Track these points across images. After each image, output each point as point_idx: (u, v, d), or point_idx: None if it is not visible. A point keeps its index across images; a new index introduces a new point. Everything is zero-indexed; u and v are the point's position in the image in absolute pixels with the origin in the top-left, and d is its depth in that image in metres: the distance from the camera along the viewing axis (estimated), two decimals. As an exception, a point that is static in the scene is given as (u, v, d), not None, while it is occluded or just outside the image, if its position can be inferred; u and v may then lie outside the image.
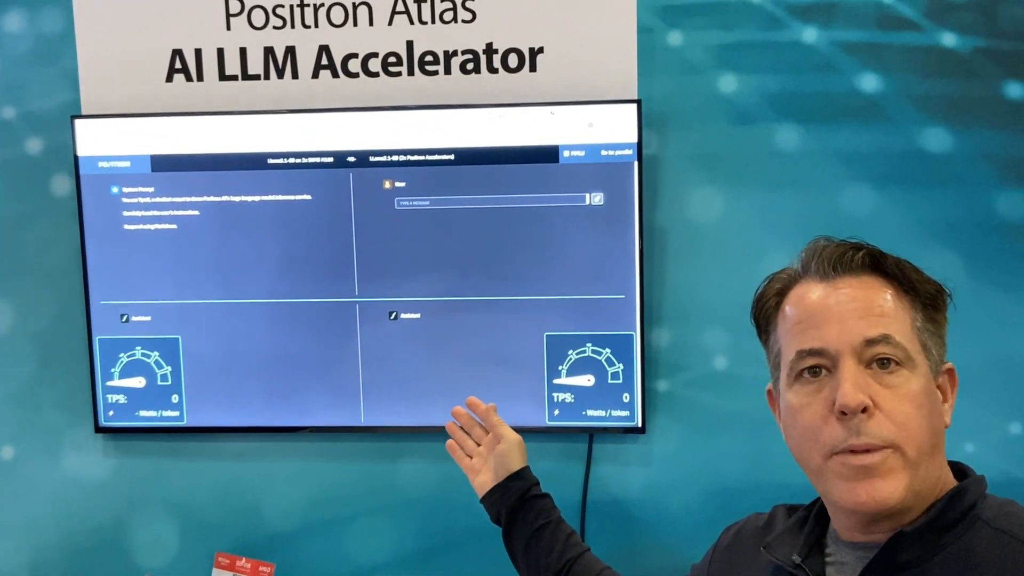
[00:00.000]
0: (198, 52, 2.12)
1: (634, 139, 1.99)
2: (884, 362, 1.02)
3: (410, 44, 2.08)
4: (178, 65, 2.12)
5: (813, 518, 1.16)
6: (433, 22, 2.07)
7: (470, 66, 2.08)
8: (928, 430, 1.01)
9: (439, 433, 2.10)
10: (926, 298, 1.06)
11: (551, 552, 1.54)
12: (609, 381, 2.06)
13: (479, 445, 1.67)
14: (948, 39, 2.01)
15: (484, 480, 1.63)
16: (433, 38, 2.08)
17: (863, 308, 1.04)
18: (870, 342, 1.02)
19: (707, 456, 2.09)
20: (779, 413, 1.13)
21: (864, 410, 0.99)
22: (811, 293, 1.07)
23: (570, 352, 2.06)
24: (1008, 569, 0.97)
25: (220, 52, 2.11)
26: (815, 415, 1.03)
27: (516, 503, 1.58)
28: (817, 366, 1.04)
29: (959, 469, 1.10)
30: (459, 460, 1.69)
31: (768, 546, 1.17)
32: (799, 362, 1.05)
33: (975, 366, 1.96)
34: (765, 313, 1.15)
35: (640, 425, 2.06)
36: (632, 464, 2.11)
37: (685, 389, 2.09)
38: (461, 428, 1.71)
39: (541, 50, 2.06)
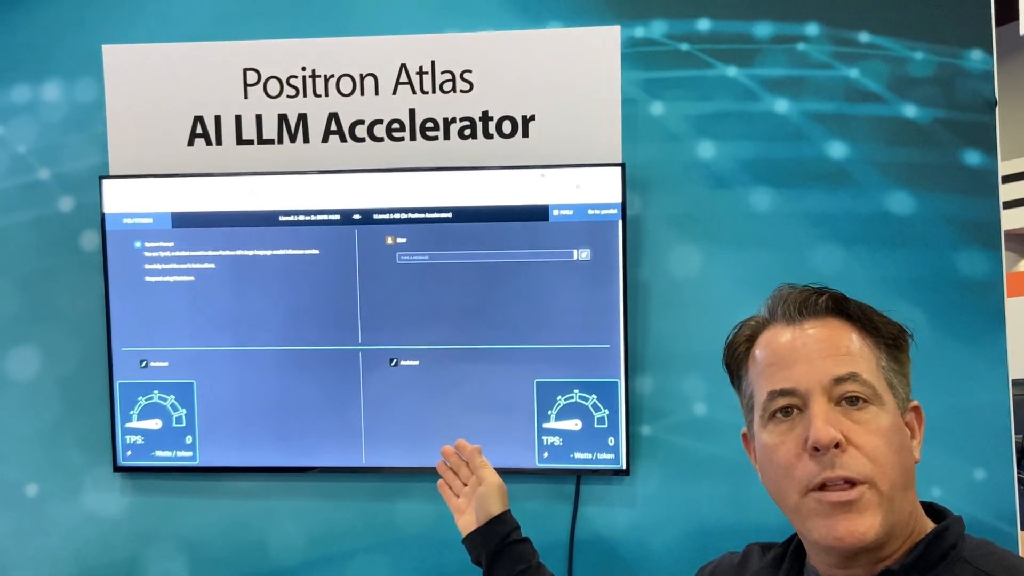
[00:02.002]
0: (218, 118, 2.15)
1: (619, 199, 2.02)
2: (853, 400, 1.01)
3: (412, 112, 2.12)
4: (199, 130, 2.16)
5: (790, 556, 1.14)
6: (433, 92, 2.11)
7: (467, 132, 2.11)
8: (899, 465, 1.00)
9: (435, 474, 2.10)
10: (889, 339, 1.06)
11: None
12: (595, 426, 2.05)
13: (465, 485, 1.64)
14: (910, 110, 2.04)
15: (467, 521, 1.59)
16: (433, 106, 2.11)
17: (830, 348, 1.03)
18: (839, 380, 1.01)
19: (688, 497, 2.08)
20: (754, 455, 1.11)
21: (837, 445, 0.98)
22: (779, 337, 1.06)
23: (559, 398, 2.06)
24: None
25: (238, 119, 2.15)
26: (789, 453, 1.01)
27: (496, 548, 1.54)
28: (789, 406, 1.03)
29: (935, 510, 1.08)
30: (447, 499, 1.66)
31: None
32: (771, 403, 1.04)
33: (940, 415, 1.96)
34: (736, 359, 1.14)
35: (625, 467, 2.05)
36: (617, 505, 2.09)
37: (667, 433, 2.09)
38: (451, 468, 1.68)
39: (533, 117, 2.09)
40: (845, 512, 0.98)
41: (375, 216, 2.08)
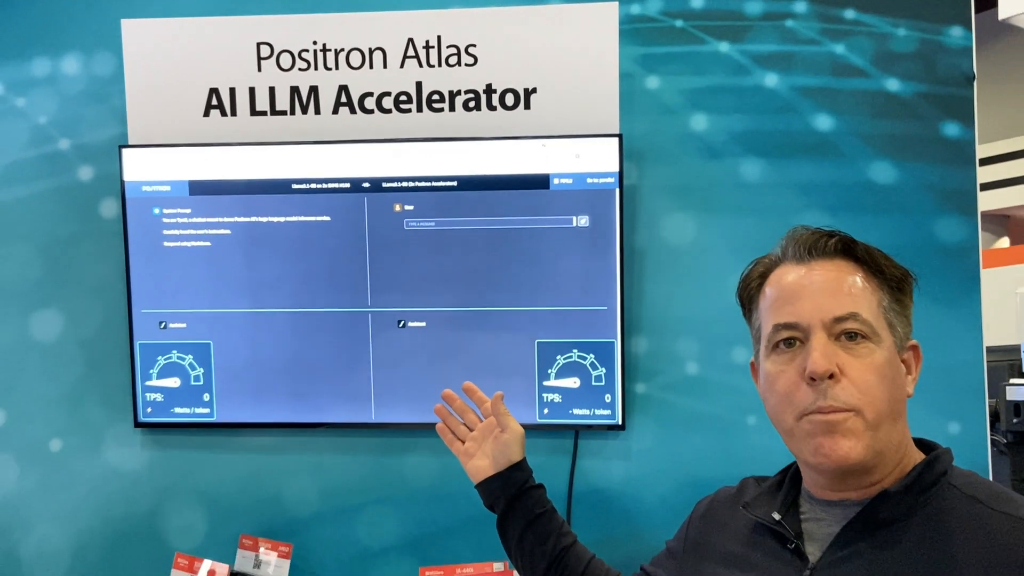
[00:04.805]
0: (232, 90, 2.13)
1: (616, 169, 2.00)
2: (851, 335, 1.04)
3: (419, 84, 2.09)
4: (214, 102, 2.13)
5: (787, 482, 1.17)
6: (440, 65, 2.09)
7: (472, 104, 2.09)
8: (888, 397, 1.03)
9: (442, 429, 2.10)
10: (892, 281, 1.08)
11: (546, 540, 1.49)
12: (593, 383, 2.05)
13: (471, 430, 1.59)
14: (893, 84, 2.03)
15: (481, 465, 1.55)
16: (439, 79, 2.09)
17: (834, 288, 1.05)
18: (839, 319, 1.04)
19: (679, 451, 2.08)
20: (759, 382, 1.14)
21: (831, 376, 1.02)
22: (788, 275, 1.09)
23: (558, 357, 2.05)
24: (980, 533, 0.98)
25: (252, 91, 2.12)
26: (789, 381, 1.05)
27: (516, 492, 1.51)
28: (791, 338, 1.06)
29: (925, 444, 1.11)
30: (449, 443, 1.60)
31: (748, 505, 1.17)
32: (776, 335, 1.08)
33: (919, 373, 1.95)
34: (748, 293, 1.17)
35: (620, 423, 2.05)
36: (613, 458, 2.09)
37: (660, 391, 2.08)
38: (453, 413, 1.63)
39: (535, 90, 2.07)
40: (831, 433, 1.02)
41: (383, 184, 2.06)
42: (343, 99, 2.10)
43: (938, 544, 0.99)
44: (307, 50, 2.10)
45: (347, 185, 2.06)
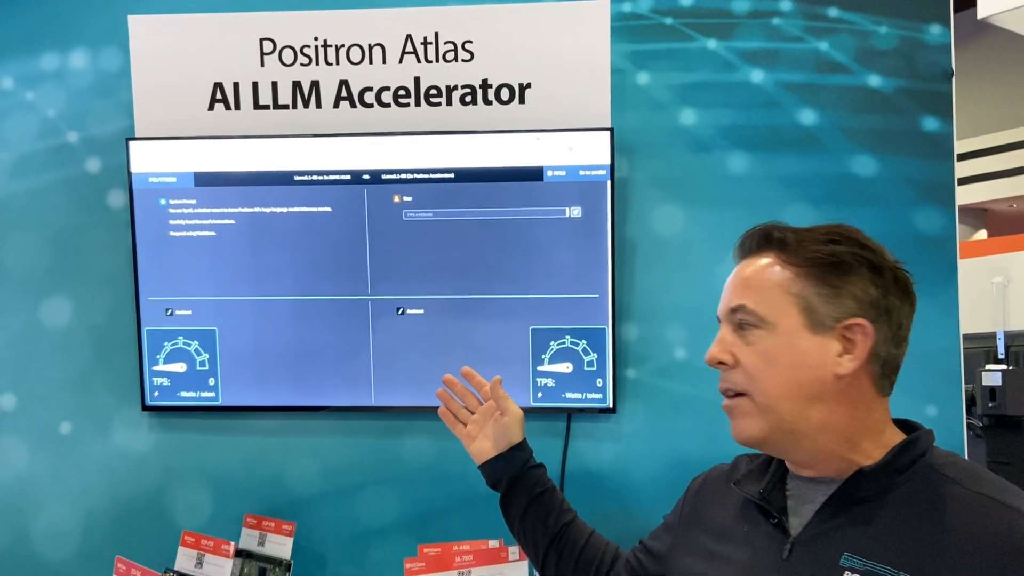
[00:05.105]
0: (236, 85, 2.17)
1: (607, 161, 2.05)
2: (744, 325, 1.12)
3: (417, 79, 2.14)
4: (219, 96, 2.17)
5: (776, 460, 1.22)
6: (437, 61, 2.13)
7: (468, 98, 2.13)
8: (782, 379, 1.09)
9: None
10: (815, 265, 1.10)
11: (547, 517, 1.54)
12: (585, 368, 2.10)
13: (472, 413, 1.65)
14: (874, 80, 2.08)
15: (483, 447, 1.60)
16: (437, 74, 2.13)
17: (737, 282, 1.15)
18: (732, 310, 1.14)
19: (668, 434, 2.13)
20: None
21: (724, 363, 1.13)
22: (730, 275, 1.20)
23: (552, 343, 2.10)
24: (954, 512, 1.00)
25: (255, 85, 2.17)
26: None
27: (517, 473, 1.56)
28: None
29: (909, 425, 1.14)
30: (451, 426, 1.66)
31: (738, 482, 1.22)
32: None
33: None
34: None
35: (611, 407, 2.09)
36: (604, 440, 2.14)
37: (650, 376, 2.13)
38: (455, 397, 1.68)
39: (529, 85, 2.12)
40: (731, 415, 1.15)
41: (383, 176, 2.10)
42: (343, 93, 2.14)
43: (912, 521, 1.02)
44: (308, 46, 2.14)
45: (347, 177, 2.10)
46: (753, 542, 1.17)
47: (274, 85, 2.16)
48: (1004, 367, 4.52)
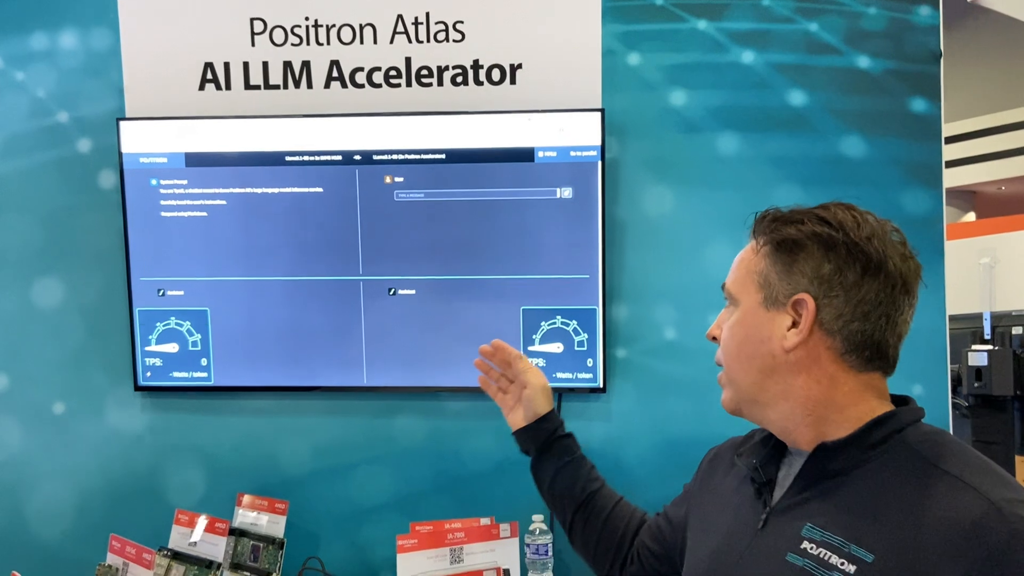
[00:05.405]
0: (227, 65, 2.16)
1: (598, 142, 2.05)
2: (728, 303, 1.20)
3: (408, 60, 2.13)
4: (209, 76, 2.16)
5: None
6: (428, 41, 2.12)
7: (459, 79, 2.13)
8: (737, 353, 1.16)
9: (431, 393, 2.16)
10: (769, 243, 1.14)
11: (575, 485, 1.57)
12: (576, 348, 2.11)
13: (511, 382, 1.64)
14: (863, 61, 2.09)
15: (514, 418, 1.62)
16: (428, 55, 2.13)
17: (733, 263, 1.21)
18: (723, 290, 1.22)
19: (657, 413, 2.14)
20: None
21: (716, 339, 1.21)
22: None
23: (543, 323, 2.11)
24: (914, 490, 1.00)
25: (245, 65, 2.16)
26: None
27: (544, 443, 1.59)
28: None
29: (903, 399, 1.13)
30: (493, 395, 1.67)
31: (741, 454, 1.24)
32: None
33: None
34: None
35: (602, 386, 2.11)
36: (595, 419, 2.15)
37: (640, 356, 2.15)
38: (494, 367, 1.67)
39: (520, 66, 2.11)
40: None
41: (374, 157, 2.10)
42: (335, 74, 2.14)
43: (875, 497, 1.02)
44: (299, 25, 2.13)
45: (339, 157, 2.10)
46: (740, 511, 1.19)
47: (265, 65, 2.15)
48: (990, 347, 4.55)
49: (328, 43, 2.13)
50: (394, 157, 2.09)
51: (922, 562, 0.95)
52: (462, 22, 2.11)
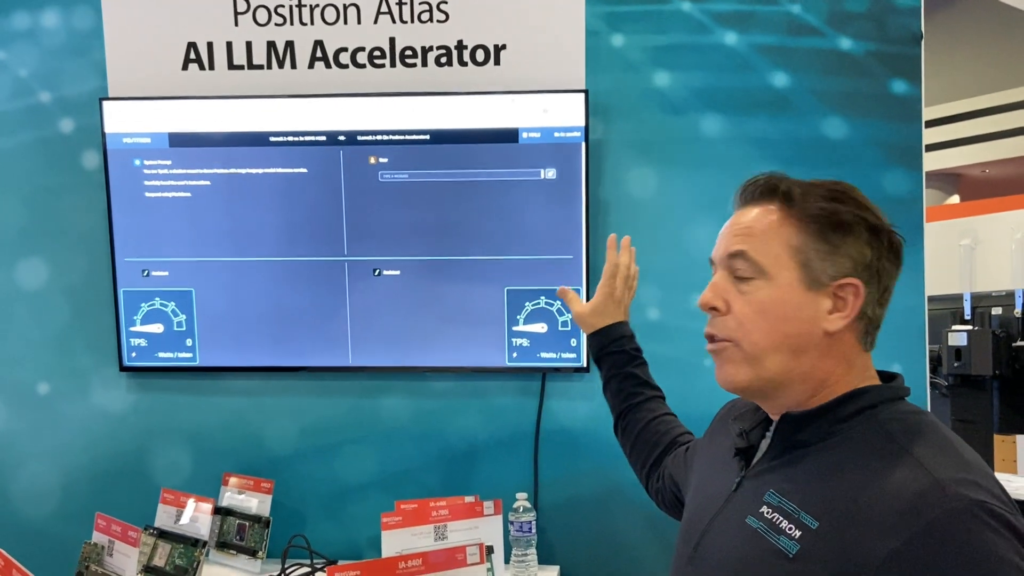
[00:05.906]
0: (210, 45, 2.15)
1: (582, 123, 2.05)
2: (740, 272, 1.10)
3: (392, 40, 2.12)
4: (192, 56, 2.15)
5: None
6: (412, 21, 2.11)
7: (444, 59, 2.12)
8: (772, 331, 1.08)
9: (416, 372, 2.16)
10: (816, 220, 1.07)
11: (619, 394, 1.67)
12: (559, 328, 2.12)
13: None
14: (845, 43, 2.09)
15: (589, 324, 1.72)
16: (412, 35, 2.12)
17: (738, 228, 1.12)
18: (731, 256, 1.11)
19: (641, 392, 2.14)
20: None
21: (717, 309, 1.12)
22: (728, 220, 1.16)
23: (527, 304, 2.11)
24: (874, 467, 0.99)
25: (229, 45, 2.14)
26: None
27: (596, 356, 1.70)
28: (714, 273, 1.16)
29: (890, 376, 1.13)
30: (570, 302, 1.78)
31: (736, 418, 1.24)
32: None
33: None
34: None
35: (585, 366, 2.12)
36: (578, 399, 2.16)
37: (623, 336, 2.14)
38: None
39: (504, 47, 2.11)
40: (716, 359, 1.14)
41: (359, 137, 2.09)
42: (318, 54, 2.13)
43: (834, 469, 1.02)
44: (283, 5, 2.12)
45: (323, 138, 2.09)
46: (725, 473, 1.21)
47: (248, 45, 2.14)
48: (970, 328, 4.59)
49: (312, 23, 2.12)
50: (378, 138, 2.09)
51: (858, 533, 0.95)
52: (446, 2, 2.10)
